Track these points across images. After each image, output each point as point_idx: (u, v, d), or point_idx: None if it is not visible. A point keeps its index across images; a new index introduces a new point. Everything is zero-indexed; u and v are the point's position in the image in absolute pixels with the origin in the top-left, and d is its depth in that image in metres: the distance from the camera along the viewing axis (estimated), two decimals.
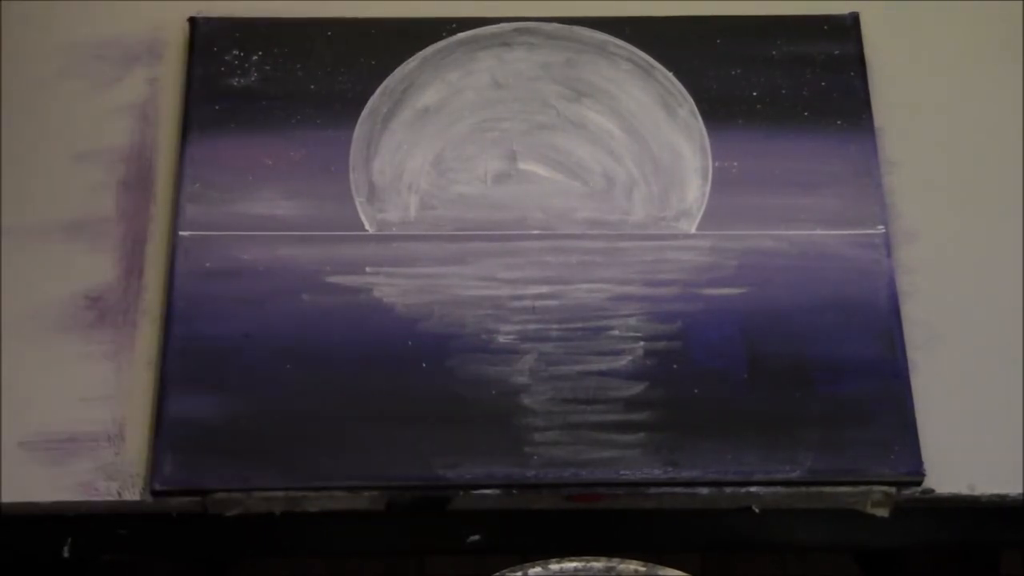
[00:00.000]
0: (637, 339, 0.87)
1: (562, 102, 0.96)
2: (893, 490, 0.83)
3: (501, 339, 0.87)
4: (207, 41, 0.97)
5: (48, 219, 0.91)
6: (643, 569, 0.77)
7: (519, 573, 0.77)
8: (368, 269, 0.89)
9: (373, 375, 0.85)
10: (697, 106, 0.95)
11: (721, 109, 0.95)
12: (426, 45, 0.97)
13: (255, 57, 0.96)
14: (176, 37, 0.98)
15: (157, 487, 0.82)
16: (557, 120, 0.95)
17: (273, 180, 0.92)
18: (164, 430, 0.83)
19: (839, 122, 0.94)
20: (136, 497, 0.83)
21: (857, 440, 0.84)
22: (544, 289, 0.89)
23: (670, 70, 0.97)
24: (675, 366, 0.86)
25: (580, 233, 0.91)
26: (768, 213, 0.91)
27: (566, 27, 0.98)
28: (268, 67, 0.96)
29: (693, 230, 0.91)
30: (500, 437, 0.84)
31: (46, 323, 0.88)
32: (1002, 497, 0.84)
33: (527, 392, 0.85)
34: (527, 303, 0.88)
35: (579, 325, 0.88)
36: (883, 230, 0.91)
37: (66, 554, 0.84)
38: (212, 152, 0.93)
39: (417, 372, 0.86)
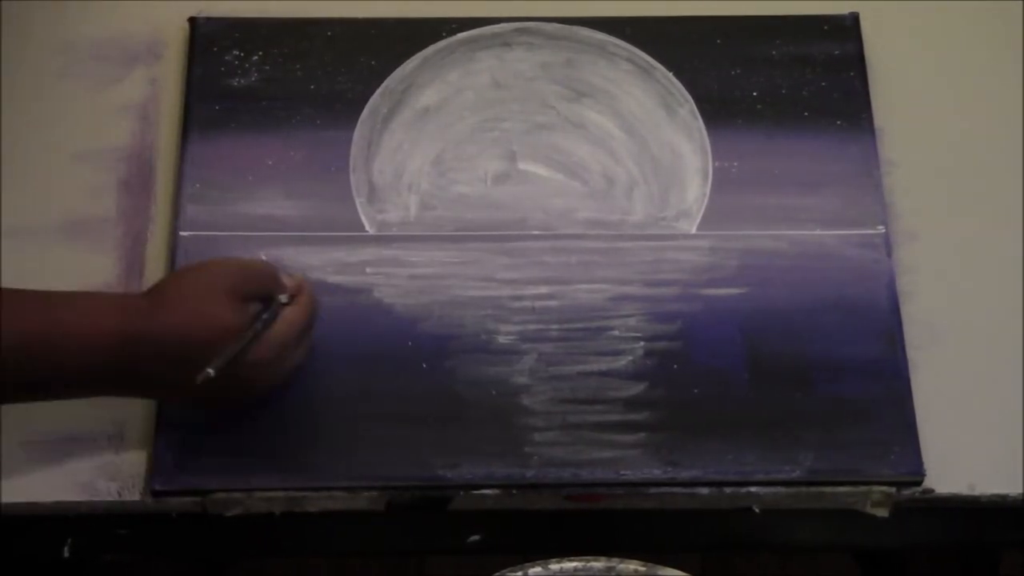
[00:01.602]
0: (637, 339, 0.87)
1: (562, 102, 0.96)
2: (893, 490, 0.83)
3: (501, 339, 0.87)
4: (207, 41, 0.97)
5: (48, 219, 0.91)
6: (643, 569, 0.77)
7: (519, 573, 0.77)
8: (368, 269, 0.89)
9: (373, 375, 0.85)
10: (697, 106, 0.95)
11: (721, 109, 0.95)
12: (426, 45, 0.97)
13: (255, 57, 0.96)
14: (176, 37, 0.98)
15: (157, 487, 0.82)
16: (557, 120, 0.95)
17: (273, 180, 0.92)
18: (164, 430, 0.83)
19: (839, 122, 0.94)
20: (136, 497, 0.82)
21: (857, 440, 0.84)
22: (544, 289, 0.89)
23: (670, 70, 0.97)
24: (675, 366, 0.86)
25: (580, 233, 0.91)
26: (768, 213, 0.92)
27: (566, 27, 0.98)
28: (268, 67, 0.96)
29: (693, 230, 0.91)
30: (500, 437, 0.84)
31: None
32: (1002, 497, 0.84)
33: (527, 392, 0.85)
34: (527, 303, 0.88)
35: (579, 325, 0.88)
36: (883, 230, 0.91)
37: (66, 554, 0.84)
38: (212, 152, 0.93)
39: (417, 372, 0.86)
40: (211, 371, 0.73)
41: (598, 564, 0.77)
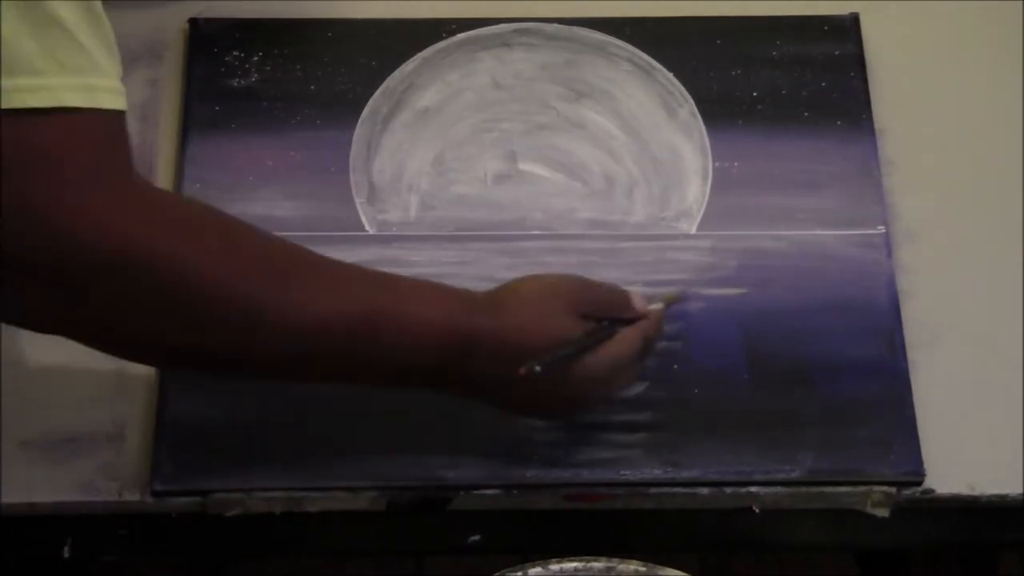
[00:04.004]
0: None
1: (562, 103, 0.96)
2: (893, 490, 0.83)
3: None
4: (207, 42, 0.97)
5: None
6: (643, 569, 0.77)
7: (519, 573, 0.77)
8: None
9: None
10: (697, 106, 0.95)
11: (721, 109, 0.95)
12: (426, 45, 0.97)
13: (255, 58, 0.96)
14: (176, 38, 0.98)
15: (157, 487, 0.82)
16: (557, 120, 0.95)
17: (273, 181, 0.92)
18: (164, 430, 0.83)
19: (839, 122, 0.94)
20: (136, 497, 0.82)
21: (857, 440, 0.84)
22: None
23: (670, 70, 0.97)
24: (675, 366, 0.86)
25: (580, 233, 0.91)
26: (768, 213, 0.92)
27: (566, 28, 0.98)
28: (268, 68, 0.96)
29: (693, 230, 0.91)
30: (500, 437, 0.83)
31: None
32: (1002, 497, 0.84)
33: None
34: None
35: None
36: (883, 230, 0.91)
37: (66, 554, 0.84)
38: (212, 152, 0.93)
39: None
40: (537, 367, 0.71)
41: (598, 564, 0.77)
